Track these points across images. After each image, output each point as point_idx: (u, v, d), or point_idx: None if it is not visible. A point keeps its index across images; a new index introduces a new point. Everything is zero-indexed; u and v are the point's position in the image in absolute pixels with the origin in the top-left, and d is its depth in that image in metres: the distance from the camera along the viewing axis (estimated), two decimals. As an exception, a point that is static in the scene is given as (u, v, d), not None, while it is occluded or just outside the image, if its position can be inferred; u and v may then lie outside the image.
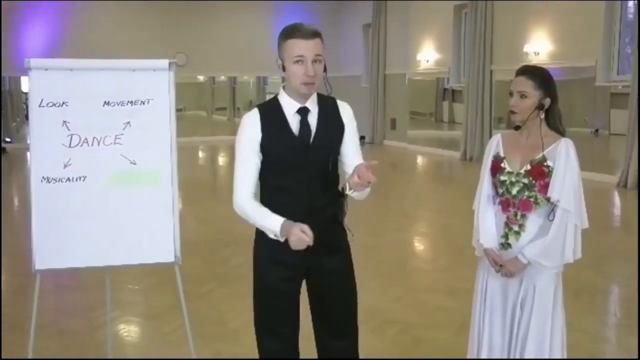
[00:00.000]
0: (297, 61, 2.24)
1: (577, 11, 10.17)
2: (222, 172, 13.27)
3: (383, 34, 15.47)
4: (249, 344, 3.84)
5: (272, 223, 2.30)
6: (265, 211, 2.34)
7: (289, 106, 2.35)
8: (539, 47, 10.95)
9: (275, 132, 2.33)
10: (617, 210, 8.64)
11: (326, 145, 2.36)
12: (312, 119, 2.36)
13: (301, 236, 2.20)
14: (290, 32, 2.25)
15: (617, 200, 8.89)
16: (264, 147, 2.35)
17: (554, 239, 2.50)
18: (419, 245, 6.66)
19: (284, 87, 2.39)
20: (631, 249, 5.97)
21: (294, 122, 2.35)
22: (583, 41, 10.12)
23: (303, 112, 2.35)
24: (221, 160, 14.93)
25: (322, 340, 2.58)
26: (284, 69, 2.30)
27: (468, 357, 2.85)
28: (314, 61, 2.24)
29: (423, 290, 4.92)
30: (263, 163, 2.39)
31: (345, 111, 2.46)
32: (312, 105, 2.37)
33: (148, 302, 4.66)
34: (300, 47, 2.22)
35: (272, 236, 2.32)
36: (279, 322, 2.48)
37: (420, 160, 13.67)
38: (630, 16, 9.84)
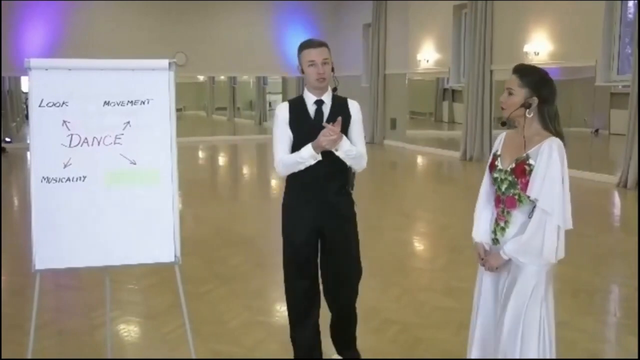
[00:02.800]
0: (310, 65, 3.04)
1: (577, 11, 10.17)
2: (222, 172, 13.27)
3: (383, 34, 15.47)
4: (248, 344, 3.86)
5: (305, 150, 3.00)
6: (296, 151, 3.03)
7: (309, 99, 3.14)
8: (539, 47, 10.95)
9: (297, 117, 3.11)
10: (617, 210, 8.64)
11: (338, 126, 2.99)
12: (326, 109, 3.13)
13: (325, 134, 2.90)
14: (303, 45, 3.09)
15: (617, 200, 8.89)
16: (290, 127, 3.10)
17: (530, 237, 2.54)
18: (418, 245, 6.66)
19: (305, 87, 3.17)
20: (631, 249, 5.97)
21: (311, 110, 3.12)
22: (583, 41, 10.12)
23: (319, 103, 3.13)
24: (221, 160, 14.94)
25: (329, 291, 3.29)
26: (302, 72, 3.09)
27: (467, 353, 2.86)
28: (323, 63, 3.03)
29: (422, 290, 4.92)
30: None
31: (354, 107, 3.21)
32: (327, 99, 3.14)
33: (148, 301, 4.66)
34: (311, 54, 3.04)
35: (312, 161, 2.99)
36: (298, 276, 3.23)
37: (420, 160, 13.67)
38: (630, 16, 9.84)
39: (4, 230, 6.64)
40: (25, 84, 14.13)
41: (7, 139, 14.98)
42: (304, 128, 3.08)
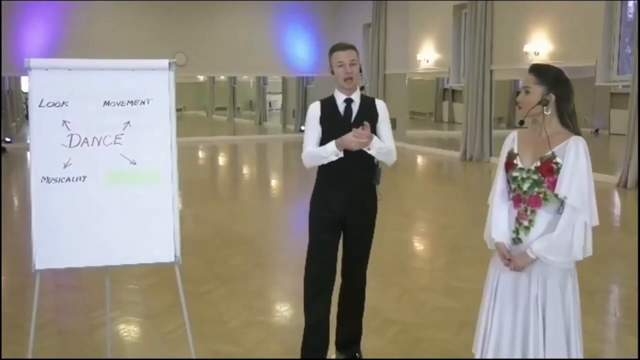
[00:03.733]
0: (340, 65, 3.27)
1: (577, 11, 10.18)
2: (222, 172, 13.27)
3: (383, 34, 15.47)
4: (248, 344, 3.86)
5: (329, 146, 3.20)
6: (322, 146, 3.24)
7: (339, 98, 3.36)
8: (539, 47, 10.96)
9: (329, 113, 3.33)
10: (617, 210, 8.64)
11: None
12: (355, 107, 3.35)
13: (356, 136, 3.10)
14: (333, 48, 3.33)
15: (617, 200, 8.89)
16: (322, 123, 3.31)
17: (560, 235, 2.54)
18: (418, 245, 6.66)
19: (335, 87, 3.36)
20: (631, 249, 5.97)
21: (341, 107, 3.34)
22: (583, 41, 10.13)
23: (348, 101, 3.34)
24: (221, 160, 14.93)
25: (346, 264, 3.47)
26: (332, 72, 3.31)
27: (473, 351, 2.84)
28: (351, 64, 3.26)
29: (422, 290, 4.92)
30: (321, 139, 3.32)
31: (380, 105, 3.42)
32: (356, 98, 3.36)
33: (148, 301, 4.66)
34: (340, 56, 3.28)
35: (334, 157, 3.20)
36: (321, 268, 3.37)
37: (420, 160, 13.67)
38: (630, 16, 9.84)
39: (4, 230, 6.63)
40: (25, 84, 14.13)
41: (7, 139, 14.98)
42: (334, 124, 3.29)
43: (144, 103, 3.23)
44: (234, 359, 3.67)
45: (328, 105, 3.36)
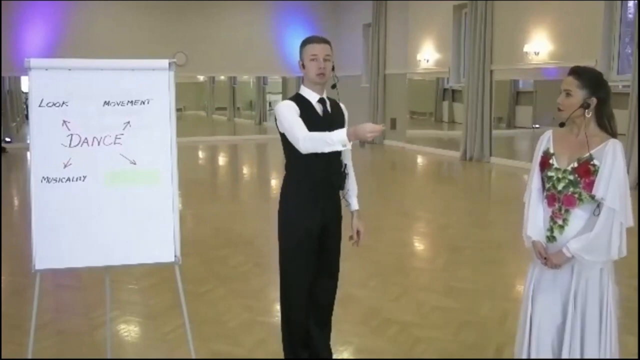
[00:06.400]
0: (312, 59, 3.04)
1: (577, 11, 10.18)
2: (222, 172, 13.27)
3: (383, 34, 15.47)
4: (248, 344, 3.86)
5: (336, 134, 2.80)
6: (327, 132, 2.86)
7: (311, 97, 3.12)
8: (539, 47, 10.96)
9: (306, 114, 3.05)
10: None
11: (339, 125, 3.10)
12: (328, 107, 3.16)
13: (373, 127, 2.76)
14: (307, 40, 3.12)
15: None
16: None
17: (597, 235, 2.58)
18: (418, 245, 6.66)
19: (302, 84, 3.16)
20: (631, 249, 5.96)
21: (318, 108, 3.12)
22: (583, 41, 10.13)
23: (322, 101, 3.14)
24: (221, 160, 14.94)
25: (317, 281, 3.24)
26: (303, 67, 3.09)
27: (515, 352, 2.86)
28: (324, 60, 3.04)
29: (422, 290, 4.92)
30: None
31: (343, 107, 3.29)
32: (326, 97, 3.17)
33: (147, 301, 4.66)
34: (314, 48, 3.05)
35: (340, 147, 2.81)
36: (300, 274, 3.16)
37: (420, 160, 13.67)
38: (630, 16, 9.84)
39: (4, 230, 6.64)
40: (25, 83, 14.12)
41: (7, 139, 14.98)
42: (312, 124, 3.00)
43: (144, 103, 3.23)
44: (234, 359, 3.68)
45: (302, 105, 3.08)
